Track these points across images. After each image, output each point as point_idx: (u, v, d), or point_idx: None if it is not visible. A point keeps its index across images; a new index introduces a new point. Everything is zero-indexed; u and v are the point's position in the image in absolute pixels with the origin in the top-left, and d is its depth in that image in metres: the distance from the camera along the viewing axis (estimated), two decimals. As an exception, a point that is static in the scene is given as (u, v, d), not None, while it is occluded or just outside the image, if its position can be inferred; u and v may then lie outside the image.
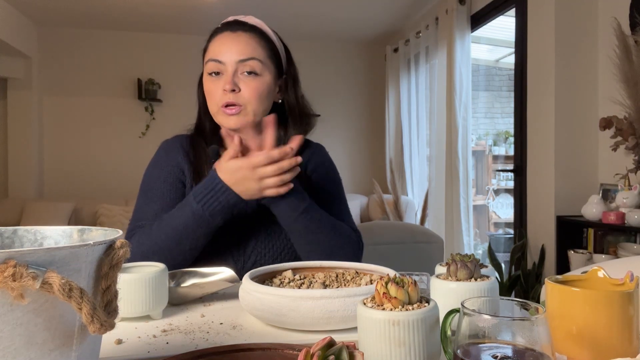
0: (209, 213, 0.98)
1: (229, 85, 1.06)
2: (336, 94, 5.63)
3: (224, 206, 0.98)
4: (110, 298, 0.44)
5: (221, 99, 1.08)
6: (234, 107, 1.07)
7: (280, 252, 1.11)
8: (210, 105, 1.11)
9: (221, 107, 1.08)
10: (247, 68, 1.08)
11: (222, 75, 1.09)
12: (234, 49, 1.08)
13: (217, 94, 1.08)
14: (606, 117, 2.45)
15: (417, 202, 4.66)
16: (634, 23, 2.42)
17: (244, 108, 1.08)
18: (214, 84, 1.09)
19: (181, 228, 0.99)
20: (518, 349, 0.46)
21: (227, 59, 1.08)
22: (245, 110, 1.08)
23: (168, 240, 1.00)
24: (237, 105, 1.07)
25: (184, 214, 1.00)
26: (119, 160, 5.23)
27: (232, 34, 1.10)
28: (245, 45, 1.09)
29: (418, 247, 2.38)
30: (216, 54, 1.09)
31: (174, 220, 1.01)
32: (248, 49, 1.08)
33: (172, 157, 1.15)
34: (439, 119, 4.02)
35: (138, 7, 4.52)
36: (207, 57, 1.11)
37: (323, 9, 4.59)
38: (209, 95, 1.11)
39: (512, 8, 3.28)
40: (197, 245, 1.02)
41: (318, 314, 0.67)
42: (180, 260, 1.01)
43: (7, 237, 0.53)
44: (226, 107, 1.08)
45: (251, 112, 1.09)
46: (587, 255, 2.48)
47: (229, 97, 1.07)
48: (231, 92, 1.06)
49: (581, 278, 0.60)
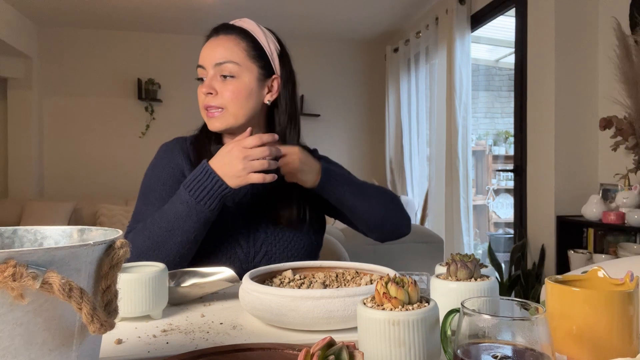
0: (195, 199, 0.98)
1: (205, 89, 1.12)
2: (336, 94, 5.63)
3: (209, 191, 0.98)
4: (110, 298, 0.44)
5: (203, 102, 1.13)
6: (215, 110, 1.12)
7: (289, 243, 1.13)
8: (200, 108, 1.16)
9: (204, 110, 1.13)
10: (223, 71, 1.11)
11: (205, 80, 1.13)
12: (212, 54, 1.12)
13: (200, 98, 1.14)
14: (606, 117, 2.45)
15: (417, 202, 4.66)
16: (634, 23, 2.42)
17: (225, 110, 1.12)
18: (199, 89, 1.14)
19: (172, 218, 0.99)
20: (518, 349, 0.46)
21: (207, 63, 1.13)
22: (227, 112, 1.12)
23: (160, 232, 0.99)
24: (217, 107, 1.11)
25: (175, 204, 1.00)
26: (119, 160, 5.23)
27: (214, 39, 1.14)
28: (223, 48, 1.12)
29: (418, 247, 2.38)
30: (200, 59, 1.14)
31: (165, 212, 1.01)
32: (225, 52, 1.11)
33: (171, 159, 1.16)
34: (439, 119, 4.02)
35: (138, 7, 4.52)
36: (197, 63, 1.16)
37: (323, 9, 4.59)
38: (198, 98, 1.16)
39: (512, 8, 3.28)
40: (190, 238, 1.00)
41: (318, 314, 0.67)
42: (174, 254, 0.99)
43: (7, 237, 0.52)
44: (207, 110, 1.13)
45: (232, 114, 1.12)
46: (587, 255, 2.48)
47: (208, 99, 1.12)
48: (209, 95, 1.11)
49: (581, 278, 0.60)
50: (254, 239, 1.10)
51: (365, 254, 2.31)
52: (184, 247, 1.00)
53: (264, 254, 1.10)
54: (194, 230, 1.00)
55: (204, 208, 0.98)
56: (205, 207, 0.98)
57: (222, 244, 1.09)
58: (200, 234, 1.01)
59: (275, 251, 1.11)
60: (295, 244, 1.13)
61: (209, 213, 0.99)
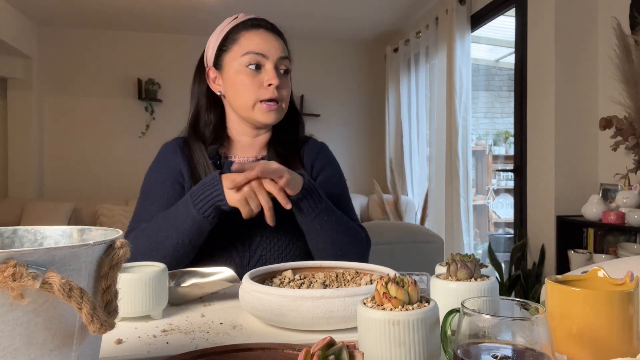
0: (193, 202, 0.97)
1: (276, 81, 1.06)
2: (336, 94, 5.63)
3: (206, 197, 0.96)
4: (110, 298, 0.44)
5: (263, 94, 1.07)
6: (274, 104, 1.08)
7: (285, 248, 1.11)
8: (244, 98, 1.09)
9: (260, 102, 1.08)
10: (284, 66, 1.10)
11: (263, 69, 1.08)
12: (275, 45, 1.09)
13: (257, 88, 1.07)
14: (606, 117, 2.45)
15: (417, 202, 4.66)
16: (634, 23, 2.42)
17: (279, 105, 1.09)
18: (254, 77, 1.07)
19: (172, 219, 0.99)
20: (518, 349, 0.46)
21: (272, 53, 1.08)
22: (281, 106, 1.10)
23: (160, 232, 0.99)
24: (276, 101, 1.08)
25: (178, 206, 1.00)
26: (119, 160, 5.23)
27: (268, 32, 1.11)
28: (281, 44, 1.11)
29: (418, 247, 2.38)
30: (259, 47, 1.08)
31: (168, 213, 1.01)
32: (284, 49, 1.11)
33: (170, 160, 1.15)
34: (439, 119, 4.01)
35: (138, 7, 4.52)
36: (247, 49, 1.08)
37: (323, 9, 4.60)
38: (244, 88, 1.08)
39: (512, 8, 3.28)
40: (184, 242, 0.99)
41: (318, 314, 0.67)
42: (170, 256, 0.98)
43: (7, 237, 0.52)
44: (268, 102, 1.07)
45: (283, 109, 1.11)
46: (587, 255, 2.48)
47: (273, 92, 1.07)
48: (275, 88, 1.07)
49: (581, 278, 0.60)
50: (249, 242, 1.09)
51: (365, 254, 2.31)
52: (178, 251, 0.99)
53: (258, 258, 1.08)
54: (189, 234, 0.98)
55: (199, 213, 0.97)
56: (200, 213, 0.97)
57: (219, 245, 1.08)
58: (196, 239, 1.00)
59: (270, 256, 1.09)
60: (291, 249, 1.11)
61: (203, 219, 0.97)
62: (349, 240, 1.07)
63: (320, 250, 1.06)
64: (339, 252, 1.05)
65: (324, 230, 1.03)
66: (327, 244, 1.05)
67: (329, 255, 1.05)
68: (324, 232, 1.03)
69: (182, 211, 0.99)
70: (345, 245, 1.06)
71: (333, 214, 1.05)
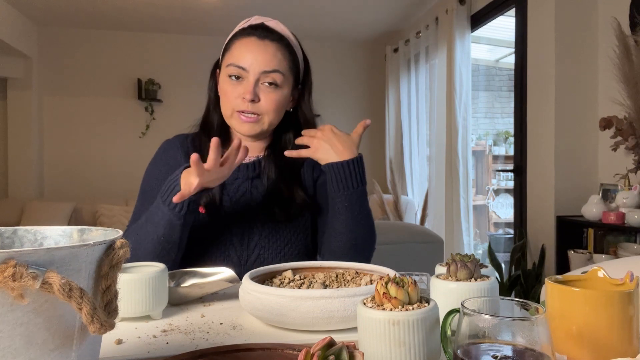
0: (161, 196, 0.96)
1: (249, 95, 1.05)
2: (336, 94, 5.63)
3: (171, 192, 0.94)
4: (110, 298, 0.44)
5: (238, 105, 1.07)
6: (252, 116, 1.07)
7: (283, 247, 1.10)
8: (224, 106, 1.10)
9: (236, 112, 1.07)
10: (269, 79, 1.06)
11: (242, 81, 1.07)
12: (260, 58, 1.06)
13: (234, 99, 1.07)
14: (606, 117, 2.45)
15: (417, 202, 4.66)
16: (634, 23, 2.42)
17: (260, 117, 1.08)
18: (232, 87, 1.07)
19: (148, 215, 0.99)
20: (518, 349, 0.46)
21: (251, 67, 1.06)
22: (262, 119, 1.08)
23: (140, 229, 0.99)
24: (254, 114, 1.07)
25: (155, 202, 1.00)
26: (119, 160, 5.23)
27: (259, 41, 1.07)
28: (272, 56, 1.07)
29: (418, 247, 2.38)
30: (239, 59, 1.06)
31: (149, 210, 1.01)
32: (274, 61, 1.06)
33: (170, 156, 1.15)
34: (439, 119, 4.02)
35: (138, 7, 4.52)
36: (230, 60, 1.08)
37: (323, 9, 4.59)
38: (224, 96, 1.09)
39: (512, 8, 3.28)
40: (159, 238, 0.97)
41: (318, 314, 0.67)
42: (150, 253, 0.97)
43: (7, 237, 0.52)
44: (242, 114, 1.07)
45: (267, 122, 1.09)
46: (587, 255, 2.47)
47: (247, 105, 1.06)
48: (250, 101, 1.05)
49: (581, 278, 0.60)
50: (248, 241, 1.08)
51: (365, 254, 2.31)
52: (156, 248, 0.98)
53: (256, 257, 1.08)
54: (162, 229, 0.96)
55: (164, 204, 0.95)
56: (165, 204, 0.95)
57: (217, 244, 1.08)
58: (169, 234, 0.97)
59: (268, 255, 1.09)
60: (290, 249, 1.11)
61: (169, 211, 0.95)
62: (364, 234, 1.07)
63: (337, 233, 1.06)
64: (353, 242, 1.06)
65: (349, 211, 1.04)
66: (346, 228, 1.05)
67: (342, 242, 1.05)
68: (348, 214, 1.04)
69: (155, 205, 0.98)
70: (360, 237, 1.07)
71: (364, 201, 1.06)
